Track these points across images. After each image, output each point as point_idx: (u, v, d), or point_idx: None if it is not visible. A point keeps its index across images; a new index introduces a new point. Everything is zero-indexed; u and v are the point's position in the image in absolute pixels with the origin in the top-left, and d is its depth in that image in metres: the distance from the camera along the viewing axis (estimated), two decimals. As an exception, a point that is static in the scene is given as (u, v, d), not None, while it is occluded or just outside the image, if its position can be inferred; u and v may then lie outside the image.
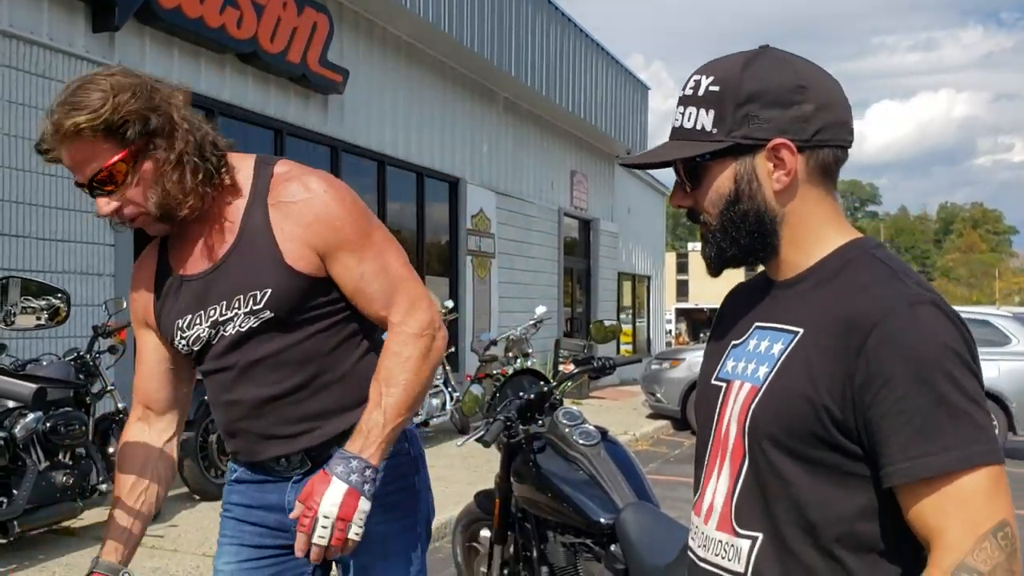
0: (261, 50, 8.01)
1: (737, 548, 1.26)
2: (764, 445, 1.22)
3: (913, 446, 1.11)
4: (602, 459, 3.23)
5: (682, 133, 1.30)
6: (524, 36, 12.73)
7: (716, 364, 1.38)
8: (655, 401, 11.67)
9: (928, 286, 1.21)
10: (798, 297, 1.28)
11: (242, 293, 1.78)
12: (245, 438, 1.88)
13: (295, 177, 1.82)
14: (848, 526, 1.18)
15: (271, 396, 1.82)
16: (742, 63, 1.27)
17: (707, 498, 1.32)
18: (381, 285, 1.80)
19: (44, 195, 6.30)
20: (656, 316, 22.20)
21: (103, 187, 1.71)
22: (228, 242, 1.81)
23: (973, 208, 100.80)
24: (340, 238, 1.78)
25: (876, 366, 1.13)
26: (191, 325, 1.83)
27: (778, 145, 1.24)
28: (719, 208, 1.29)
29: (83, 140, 1.65)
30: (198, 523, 5.67)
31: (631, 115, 17.34)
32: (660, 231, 22.87)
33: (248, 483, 1.96)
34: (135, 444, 1.94)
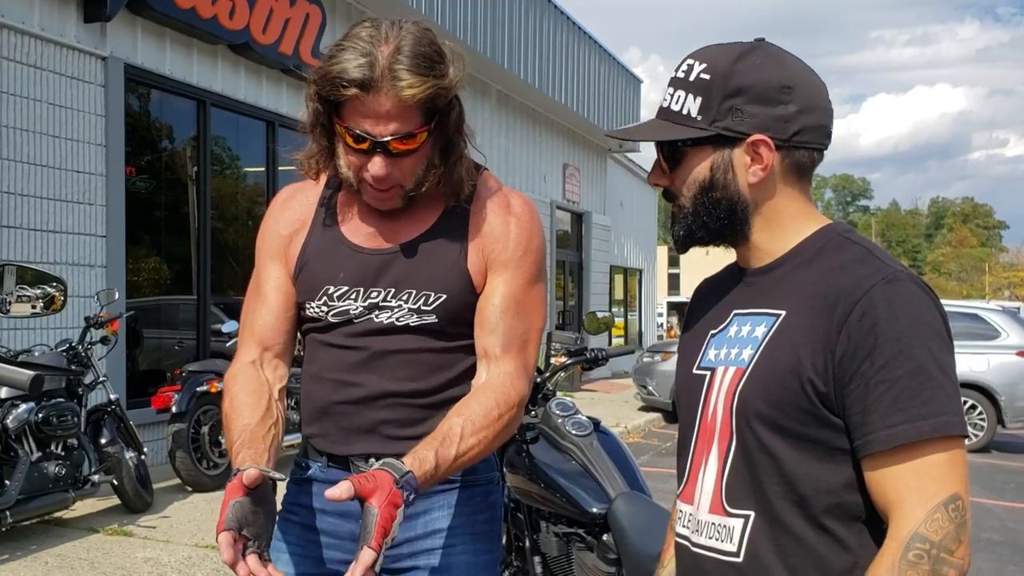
0: (253, 41, 7.98)
1: (729, 528, 1.29)
2: (752, 423, 1.26)
3: (891, 414, 1.16)
4: (594, 449, 3.25)
5: (668, 114, 1.34)
6: (517, 28, 12.71)
7: (695, 355, 1.41)
8: (647, 394, 11.71)
9: (901, 264, 1.26)
10: (776, 281, 1.32)
11: (415, 288, 1.66)
12: (340, 424, 1.70)
13: (500, 193, 1.74)
14: (836, 497, 1.22)
15: (393, 391, 1.68)
16: (736, 55, 1.30)
17: (697, 485, 1.35)
18: (510, 328, 1.67)
19: (36, 186, 6.27)
20: (648, 309, 22.24)
21: (391, 150, 1.57)
22: (418, 231, 1.70)
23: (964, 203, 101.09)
24: (514, 263, 1.69)
25: (857, 339, 1.18)
26: (344, 297, 1.69)
27: (757, 141, 1.28)
28: (693, 192, 1.33)
29: (408, 101, 1.52)
30: (190, 514, 5.68)
31: (624, 108, 17.34)
32: (652, 225, 22.89)
33: (323, 483, 1.70)
34: (252, 381, 1.69)
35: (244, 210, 9.05)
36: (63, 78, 6.50)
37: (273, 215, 1.81)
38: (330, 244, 1.72)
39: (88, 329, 5.56)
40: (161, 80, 7.41)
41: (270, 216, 1.81)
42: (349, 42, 1.54)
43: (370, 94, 1.51)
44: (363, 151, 1.58)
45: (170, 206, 7.93)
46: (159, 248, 7.85)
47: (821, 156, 1.34)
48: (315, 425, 1.75)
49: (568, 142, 16.07)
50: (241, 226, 8.80)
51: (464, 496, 1.74)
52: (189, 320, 7.98)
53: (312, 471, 1.76)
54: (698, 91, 1.30)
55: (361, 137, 1.56)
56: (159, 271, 7.90)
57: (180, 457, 6.11)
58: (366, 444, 1.69)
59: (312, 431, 1.76)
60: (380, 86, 1.51)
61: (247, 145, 8.82)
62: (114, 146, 6.87)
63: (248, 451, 1.57)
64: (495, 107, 13.38)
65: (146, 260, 7.70)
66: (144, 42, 7.20)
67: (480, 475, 1.76)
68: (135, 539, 5.14)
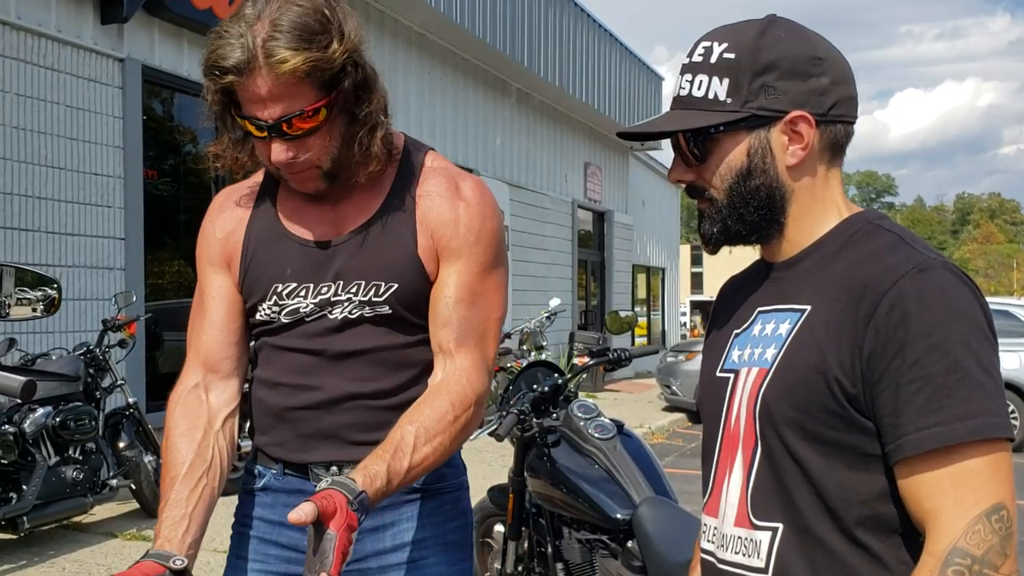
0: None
1: (756, 542, 1.19)
2: (778, 428, 1.16)
3: (924, 416, 1.05)
4: (618, 453, 3.16)
5: (689, 102, 1.23)
6: (537, 26, 12.63)
7: (719, 357, 1.32)
8: (671, 394, 11.59)
9: (937, 251, 1.16)
10: (802, 275, 1.23)
11: (364, 279, 1.57)
12: (299, 430, 1.61)
13: (449, 175, 1.64)
14: (869, 509, 1.12)
15: (356, 393, 1.58)
16: (758, 31, 1.21)
17: (721, 496, 1.26)
18: (465, 320, 1.58)
19: (55, 189, 6.26)
20: (671, 308, 22.09)
21: (287, 132, 1.47)
22: (362, 219, 1.60)
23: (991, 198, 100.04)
24: (467, 252, 1.59)
25: (887, 334, 1.08)
26: (293, 295, 1.59)
27: (796, 118, 1.19)
28: (728, 182, 1.22)
29: (291, 78, 1.41)
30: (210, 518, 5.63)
31: (645, 105, 17.21)
32: (674, 223, 22.75)
33: (279, 492, 1.64)
34: (191, 415, 1.59)
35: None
36: (80, 80, 6.48)
37: (210, 219, 1.71)
38: (273, 240, 1.62)
39: (106, 332, 5.52)
40: (178, 81, 7.39)
41: (207, 221, 1.71)
42: (224, 27, 1.44)
43: (248, 78, 1.42)
44: (262, 138, 1.50)
45: (189, 208, 7.90)
46: (180, 250, 7.82)
47: (853, 131, 1.25)
48: (269, 433, 1.64)
49: (589, 141, 15.97)
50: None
51: (433, 505, 1.65)
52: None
53: (267, 479, 1.66)
54: (724, 72, 1.20)
55: (256, 124, 1.47)
56: (180, 274, 7.87)
57: (199, 460, 6.06)
58: (327, 451, 1.60)
59: (266, 439, 1.65)
60: (255, 67, 1.40)
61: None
62: (132, 148, 6.84)
63: (165, 525, 1.47)
64: (516, 106, 13.30)
65: (167, 263, 7.68)
66: (161, 43, 7.18)
67: (448, 482, 1.68)
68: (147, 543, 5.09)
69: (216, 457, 1.57)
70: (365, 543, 1.60)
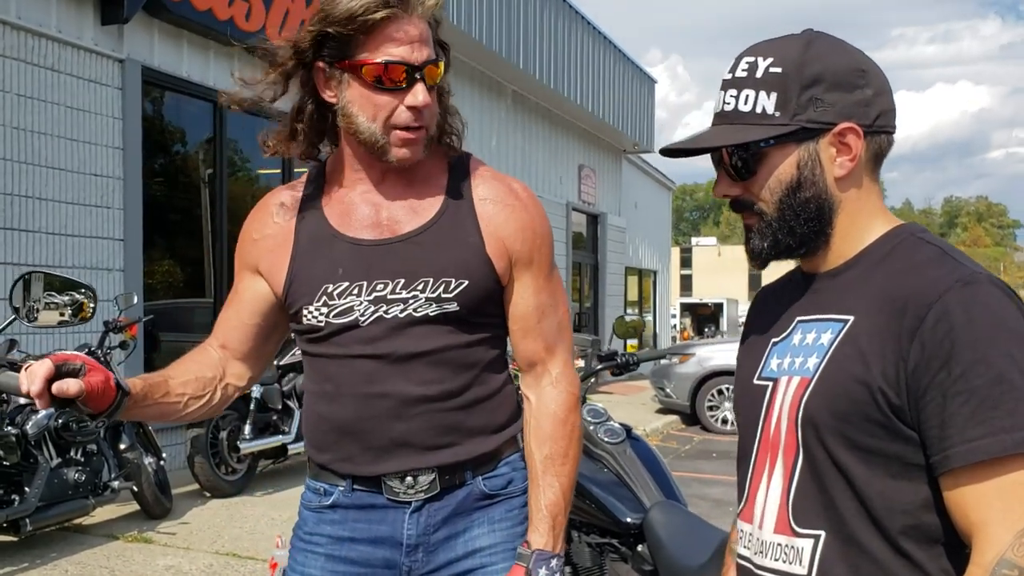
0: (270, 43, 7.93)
1: (798, 549, 1.20)
2: (821, 436, 1.17)
3: (970, 428, 1.07)
4: (628, 457, 3.17)
5: (736, 116, 1.24)
6: (532, 29, 12.64)
7: (756, 364, 1.32)
8: (664, 396, 11.62)
9: (978, 264, 1.17)
10: (844, 286, 1.24)
11: (432, 276, 1.55)
12: (368, 442, 1.58)
13: (499, 178, 1.67)
14: (913, 518, 1.13)
15: (424, 396, 1.56)
16: (802, 45, 1.23)
17: (759, 502, 1.26)
18: (550, 325, 1.65)
19: (54, 189, 6.24)
20: (662, 311, 22.13)
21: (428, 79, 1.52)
22: (421, 220, 1.59)
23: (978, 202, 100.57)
24: (536, 257, 1.64)
25: (932, 347, 1.09)
26: (345, 294, 1.56)
27: (845, 130, 1.20)
28: (779, 195, 1.24)
29: (428, 24, 1.51)
30: (210, 520, 5.62)
31: (639, 108, 17.24)
32: (666, 225, 22.80)
33: (349, 508, 1.62)
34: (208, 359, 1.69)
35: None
36: (80, 81, 6.46)
37: (250, 221, 1.72)
38: (323, 242, 1.61)
39: (107, 334, 5.51)
40: (178, 82, 7.37)
41: (247, 222, 1.72)
42: None
43: (402, 17, 1.46)
44: (398, 87, 1.50)
45: (186, 209, 7.89)
46: (175, 251, 7.81)
47: (893, 141, 1.27)
48: (334, 448, 1.62)
49: (583, 143, 15.99)
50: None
51: (503, 510, 1.67)
52: (205, 323, 7.94)
53: (335, 497, 1.64)
54: (771, 86, 1.21)
55: (399, 67, 1.48)
56: (175, 274, 7.86)
57: (199, 462, 6.06)
58: (400, 460, 1.58)
59: (330, 456, 1.63)
60: (414, 7, 1.47)
61: (263, 147, 8.77)
62: (131, 149, 6.83)
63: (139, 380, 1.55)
64: (511, 107, 13.31)
65: (162, 263, 7.67)
66: (161, 44, 7.16)
67: (517, 485, 1.68)
68: (155, 546, 5.09)
69: (206, 399, 1.66)
70: (438, 554, 1.62)
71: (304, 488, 1.71)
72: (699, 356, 11.14)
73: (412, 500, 1.60)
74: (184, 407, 1.64)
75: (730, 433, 10.79)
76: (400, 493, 1.60)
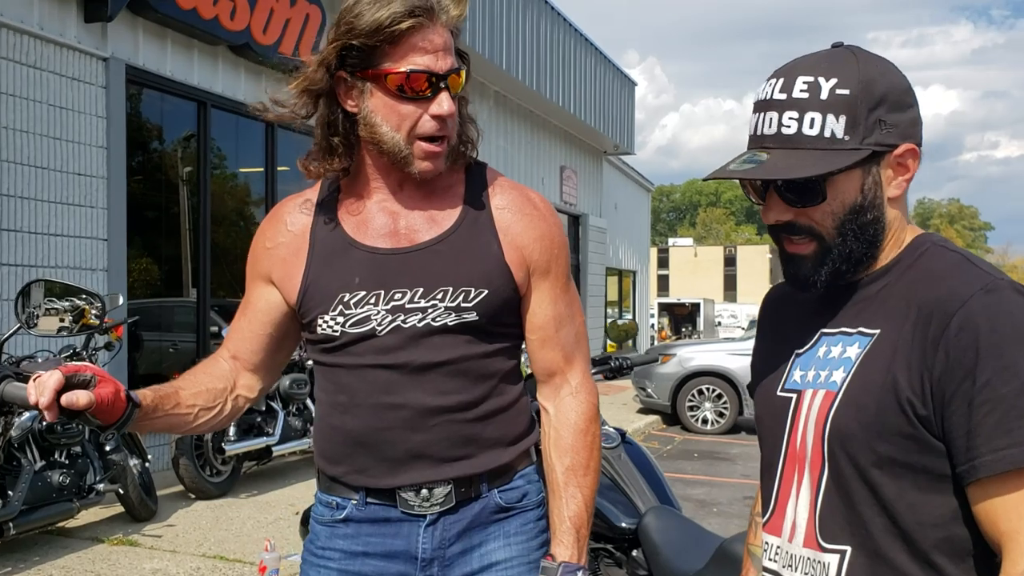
0: (254, 42, 7.90)
1: (824, 564, 1.20)
2: (848, 450, 1.17)
3: (997, 437, 1.06)
4: (623, 462, 3.19)
5: (801, 140, 1.17)
6: (514, 30, 12.64)
7: (779, 375, 1.31)
8: (645, 396, 11.66)
9: (1001, 271, 1.17)
10: (870, 298, 1.23)
11: (451, 285, 1.53)
12: (383, 453, 1.56)
13: (516, 188, 1.67)
14: (944, 531, 1.13)
15: (441, 407, 1.54)
16: (857, 63, 1.19)
17: (788, 515, 1.26)
18: (568, 335, 1.64)
19: (36, 188, 6.17)
20: (641, 311, 22.21)
21: (452, 88, 1.51)
22: (439, 229, 1.58)
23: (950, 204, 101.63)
24: (554, 267, 1.62)
25: (956, 355, 1.08)
26: (362, 303, 1.54)
27: (907, 151, 1.19)
28: (840, 219, 1.20)
29: (451, 33, 1.50)
30: (195, 522, 5.59)
31: (619, 110, 17.30)
32: (645, 226, 22.88)
33: (362, 523, 1.60)
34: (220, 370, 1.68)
35: (243, 212, 8.96)
36: (64, 79, 6.40)
37: (262, 230, 1.69)
38: (338, 250, 1.59)
39: (92, 335, 5.46)
40: (162, 81, 7.32)
41: (259, 231, 1.70)
42: None
43: (427, 25, 1.46)
44: (422, 96, 1.49)
45: (170, 208, 7.84)
46: (159, 250, 7.75)
47: None
48: (347, 460, 1.59)
49: (565, 144, 16.02)
50: (240, 228, 8.71)
51: (518, 524, 1.64)
52: (188, 323, 7.89)
53: (348, 510, 1.61)
54: (839, 109, 1.16)
55: (422, 76, 1.47)
56: (159, 273, 7.81)
57: (184, 464, 6.02)
58: (415, 472, 1.56)
59: (343, 468, 1.60)
60: (435, 13, 1.47)
61: (247, 146, 8.73)
62: (115, 148, 6.77)
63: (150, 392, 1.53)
64: (493, 108, 13.31)
65: (146, 262, 7.61)
66: (145, 43, 7.11)
67: (532, 498, 1.66)
68: (141, 549, 5.05)
69: (216, 410, 1.65)
70: (453, 568, 1.60)
71: (315, 502, 1.69)
72: (680, 357, 11.20)
73: (427, 513, 1.57)
74: (195, 419, 1.62)
75: (710, 433, 10.87)
76: (415, 506, 1.57)
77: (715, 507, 6.96)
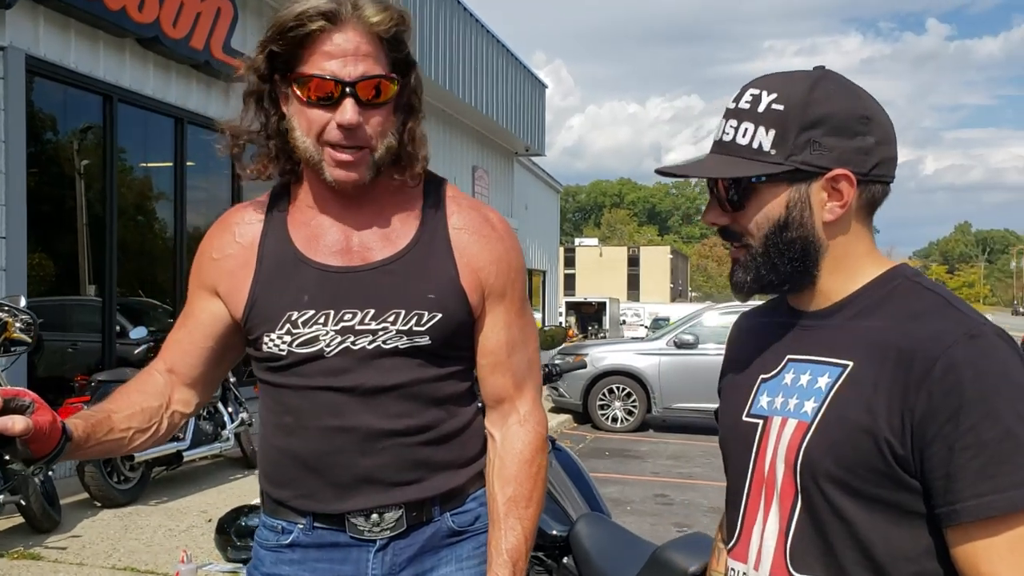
0: (163, 35, 7.66)
1: None
2: (821, 483, 1.18)
3: (980, 483, 1.08)
4: (553, 469, 3.21)
5: (733, 148, 1.22)
6: (427, 30, 12.59)
7: (743, 399, 1.32)
8: (558, 395, 11.77)
9: (981, 315, 1.19)
10: (839, 328, 1.24)
11: (404, 308, 1.50)
12: (331, 478, 1.52)
13: (475, 208, 1.63)
14: (916, 565, 1.15)
15: (391, 431, 1.51)
16: (809, 84, 1.22)
17: (754, 541, 1.27)
18: (520, 361, 1.60)
19: (-72, 183, 5.86)
20: (551, 310, 22.40)
21: (362, 95, 1.44)
22: (394, 247, 1.54)
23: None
24: (510, 290, 1.59)
25: (939, 399, 1.10)
26: (311, 323, 1.50)
27: (838, 176, 1.20)
28: (764, 232, 1.23)
29: (374, 39, 1.44)
30: (103, 532, 5.39)
31: (530, 112, 17.41)
32: (554, 227, 23.08)
33: (309, 548, 1.55)
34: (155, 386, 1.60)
35: (150, 208, 8.69)
36: (-40, 68, 6.09)
37: (209, 239, 1.63)
38: (287, 266, 1.54)
39: None
40: (65, 73, 7.03)
41: (206, 240, 1.64)
42: None
43: (337, 29, 1.42)
44: (329, 100, 1.44)
45: (73, 204, 7.54)
46: (62, 247, 7.45)
47: (889, 191, 1.27)
48: (293, 484, 1.55)
49: (477, 145, 16.04)
50: (147, 225, 8.44)
51: (472, 547, 1.61)
52: (91, 322, 7.61)
53: (295, 535, 1.57)
54: (771, 123, 1.20)
55: (327, 81, 1.43)
56: (61, 271, 7.50)
57: (89, 471, 5.79)
58: (365, 497, 1.52)
59: (290, 492, 1.55)
60: (346, 18, 1.42)
61: (155, 141, 8.47)
62: (14, 142, 6.47)
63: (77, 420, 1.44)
64: (405, 107, 13.23)
65: (47, 260, 7.30)
66: (47, 33, 6.81)
67: (484, 522, 1.62)
68: (45, 563, 4.85)
69: (152, 430, 1.58)
70: None
71: (259, 526, 1.64)
72: (591, 356, 11.33)
73: (377, 538, 1.54)
74: (129, 442, 1.55)
75: (620, 431, 11.05)
76: (365, 531, 1.53)
77: (628, 505, 7.08)
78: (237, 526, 3.28)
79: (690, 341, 11.17)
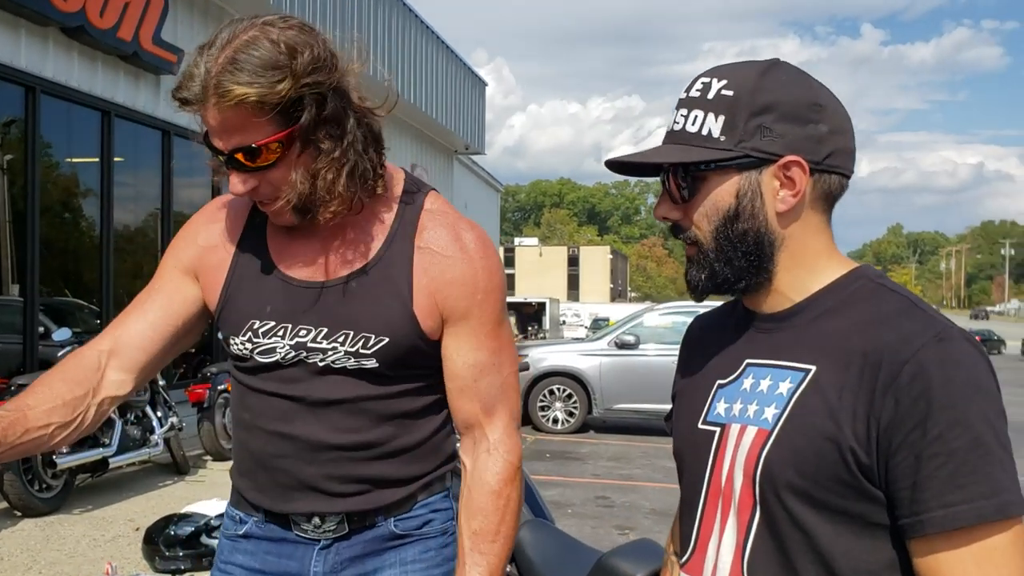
0: (89, 24, 7.39)
1: None
2: (781, 494, 1.13)
3: (948, 493, 1.04)
4: (495, 475, 3.13)
5: (683, 136, 1.18)
6: (366, 25, 12.43)
7: (699, 406, 1.27)
8: (497, 397, 11.73)
9: (947, 318, 1.15)
10: (799, 331, 1.19)
11: (352, 330, 1.49)
12: (278, 479, 1.55)
13: (449, 223, 1.56)
14: None
15: (336, 444, 1.51)
16: (760, 71, 1.19)
17: (709, 555, 1.21)
18: (490, 385, 1.55)
19: None
20: (490, 310, 22.40)
21: (244, 163, 1.42)
22: (356, 264, 1.52)
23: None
24: (477, 312, 1.53)
25: (907, 405, 1.06)
26: (270, 334, 1.52)
27: (790, 162, 1.15)
28: (714, 224, 1.18)
29: (242, 110, 1.36)
30: (23, 543, 5.16)
31: (470, 110, 17.33)
32: (494, 226, 23.06)
33: (261, 540, 1.59)
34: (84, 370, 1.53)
35: (74, 204, 8.39)
36: None
37: (198, 222, 1.63)
38: (258, 273, 1.55)
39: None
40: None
41: (195, 221, 1.63)
42: (195, 54, 1.43)
43: (204, 109, 1.40)
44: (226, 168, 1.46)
45: (-9, 201, 7.23)
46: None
47: (847, 185, 1.23)
48: (250, 477, 1.59)
49: (416, 142, 15.91)
50: (73, 223, 8.15)
51: (418, 551, 1.59)
52: (11, 323, 7.31)
53: (248, 527, 1.61)
54: (721, 109, 1.16)
55: (213, 149, 1.44)
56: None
57: (8, 479, 5.55)
58: (307, 502, 1.54)
59: (247, 484, 1.60)
60: (208, 98, 1.38)
61: (80, 135, 8.18)
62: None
63: None
64: (343, 104, 13.06)
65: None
66: (-36, 19, 6.52)
67: (435, 526, 1.61)
68: (-41, 576, 4.62)
69: (76, 423, 1.51)
70: None
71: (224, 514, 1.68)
72: (532, 357, 11.31)
73: (320, 539, 1.56)
74: (50, 438, 1.48)
75: (561, 433, 11.02)
76: (308, 531, 1.57)
77: (569, 508, 7.04)
78: (166, 535, 3.16)
79: (631, 342, 11.21)
